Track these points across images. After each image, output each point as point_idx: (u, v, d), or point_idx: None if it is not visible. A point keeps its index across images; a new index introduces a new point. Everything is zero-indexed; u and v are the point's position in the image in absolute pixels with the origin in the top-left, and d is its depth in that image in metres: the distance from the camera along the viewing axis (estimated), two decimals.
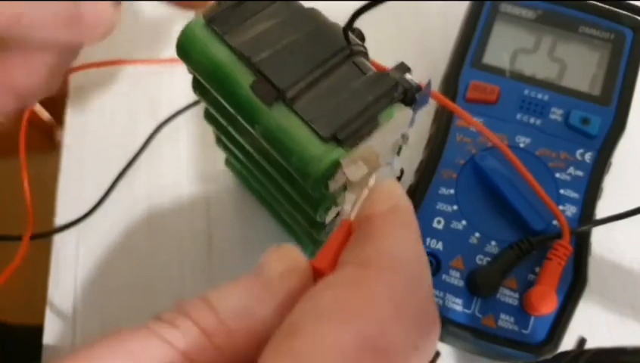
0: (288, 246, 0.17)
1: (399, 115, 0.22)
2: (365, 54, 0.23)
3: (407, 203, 0.17)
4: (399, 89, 0.22)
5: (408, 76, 0.22)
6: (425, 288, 0.16)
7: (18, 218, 0.34)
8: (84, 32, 0.27)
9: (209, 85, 0.23)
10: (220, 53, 0.23)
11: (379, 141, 0.22)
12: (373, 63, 0.25)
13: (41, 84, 0.28)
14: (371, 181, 0.19)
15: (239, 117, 0.23)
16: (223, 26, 0.23)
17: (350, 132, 0.21)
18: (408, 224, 0.17)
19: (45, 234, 0.36)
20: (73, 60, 0.30)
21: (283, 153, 0.21)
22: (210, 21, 0.23)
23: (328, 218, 0.26)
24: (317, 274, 0.17)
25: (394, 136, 0.23)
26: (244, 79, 0.22)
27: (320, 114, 0.21)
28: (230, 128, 0.26)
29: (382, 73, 0.22)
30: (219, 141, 0.30)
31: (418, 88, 0.22)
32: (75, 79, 0.41)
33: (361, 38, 0.24)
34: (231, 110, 0.23)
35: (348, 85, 0.22)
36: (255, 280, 0.16)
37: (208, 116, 0.28)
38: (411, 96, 0.22)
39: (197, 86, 0.26)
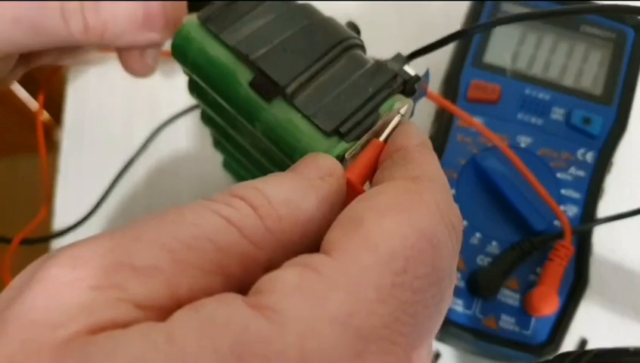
0: (324, 154, 0.19)
1: (404, 106, 0.21)
2: (362, 47, 0.23)
3: (429, 141, 0.20)
4: (399, 80, 0.22)
5: (406, 66, 0.22)
6: (454, 203, 0.18)
7: (16, 217, 0.34)
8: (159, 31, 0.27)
9: (207, 85, 0.23)
10: (217, 52, 0.23)
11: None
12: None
13: None
14: (403, 109, 0.21)
15: (239, 116, 0.23)
16: (218, 26, 0.23)
17: (352, 125, 0.20)
18: (435, 155, 0.20)
19: (44, 238, 0.36)
20: None
21: (285, 150, 0.21)
22: (205, 21, 0.23)
23: None
24: (348, 185, 0.19)
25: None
26: (243, 76, 0.22)
27: (321, 108, 0.21)
28: (229, 129, 0.25)
29: (380, 65, 0.22)
30: (217, 143, 0.30)
31: (417, 78, 0.22)
32: (73, 79, 0.41)
33: (357, 31, 0.24)
34: (231, 110, 0.23)
35: (347, 78, 0.21)
36: (298, 178, 0.17)
37: (206, 119, 0.28)
38: (411, 87, 0.22)
39: (193, 88, 0.25)
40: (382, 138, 0.20)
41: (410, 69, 0.22)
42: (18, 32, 0.24)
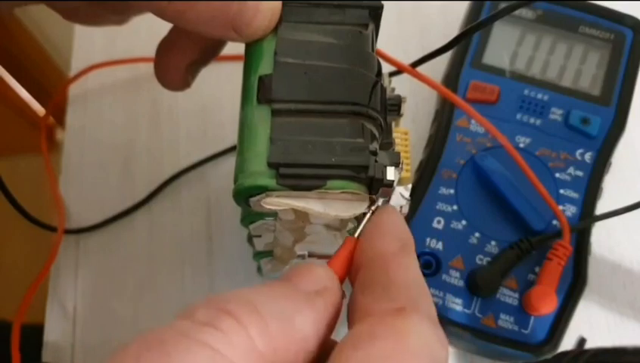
0: (318, 266, 0.17)
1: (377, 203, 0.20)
2: (375, 122, 0.22)
3: (411, 238, 0.18)
4: (367, 173, 0.20)
5: (391, 168, 0.20)
6: (440, 331, 0.16)
7: (15, 217, 0.34)
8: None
9: (246, 51, 0.23)
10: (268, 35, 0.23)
11: (321, 206, 0.20)
12: (383, 55, 0.25)
13: None
14: (375, 205, 0.20)
15: (242, 92, 0.23)
16: (290, 14, 0.23)
17: (293, 174, 0.20)
18: (416, 261, 0.18)
19: (75, 230, 0.36)
20: None
21: (239, 147, 0.21)
22: (286, 4, 0.23)
23: (255, 230, 0.25)
24: None
25: (343, 213, 0.21)
26: (264, 67, 0.22)
27: (286, 141, 0.20)
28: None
29: (363, 146, 0.20)
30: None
31: (390, 184, 0.20)
32: (76, 81, 0.41)
33: (398, 107, 0.23)
34: (242, 84, 0.23)
35: (329, 135, 0.20)
36: (292, 290, 0.16)
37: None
38: (376, 187, 0.20)
39: None
40: (356, 234, 0.19)
41: (392, 172, 0.20)
42: None
